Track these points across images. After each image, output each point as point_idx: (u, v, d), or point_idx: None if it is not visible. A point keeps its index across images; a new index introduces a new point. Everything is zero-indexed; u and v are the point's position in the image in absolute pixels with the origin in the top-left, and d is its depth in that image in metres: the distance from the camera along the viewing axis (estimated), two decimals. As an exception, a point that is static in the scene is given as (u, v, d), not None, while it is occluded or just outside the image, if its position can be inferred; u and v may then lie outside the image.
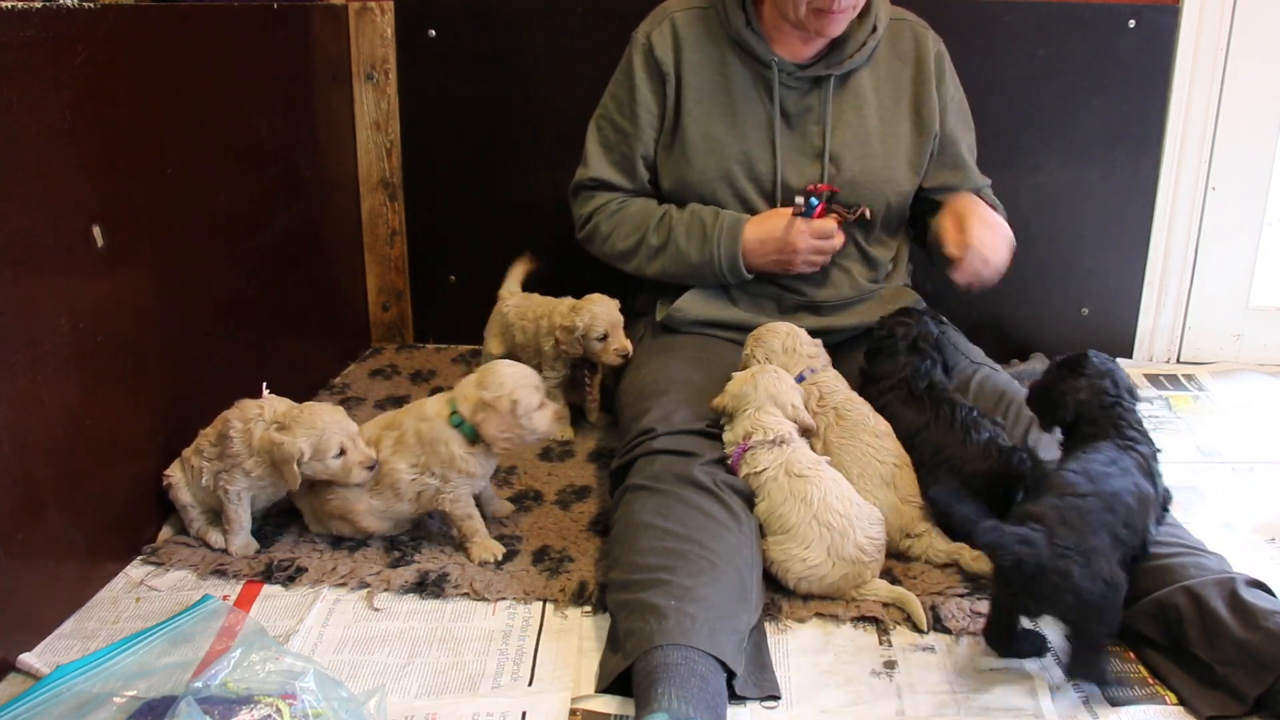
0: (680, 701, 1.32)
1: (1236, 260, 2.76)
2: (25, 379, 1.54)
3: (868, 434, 1.82)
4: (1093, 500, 1.47)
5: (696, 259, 2.08)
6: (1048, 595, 1.41)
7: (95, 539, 1.71)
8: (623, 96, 2.14)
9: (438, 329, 2.93)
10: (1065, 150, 2.64)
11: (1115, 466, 1.53)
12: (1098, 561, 1.41)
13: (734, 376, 1.85)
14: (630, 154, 2.15)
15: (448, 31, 2.68)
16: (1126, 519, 1.48)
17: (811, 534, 1.65)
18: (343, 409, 1.80)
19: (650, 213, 2.14)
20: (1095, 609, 1.40)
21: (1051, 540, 1.41)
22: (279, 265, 2.34)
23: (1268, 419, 2.47)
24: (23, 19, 1.51)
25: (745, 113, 2.08)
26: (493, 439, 1.75)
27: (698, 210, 2.10)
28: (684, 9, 2.12)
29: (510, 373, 1.78)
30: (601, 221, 2.18)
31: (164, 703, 1.32)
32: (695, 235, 2.08)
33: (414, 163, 2.79)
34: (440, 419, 1.78)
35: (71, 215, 1.64)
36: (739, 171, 2.09)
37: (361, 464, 1.75)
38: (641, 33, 2.13)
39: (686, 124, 2.10)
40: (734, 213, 2.08)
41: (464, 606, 1.69)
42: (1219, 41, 2.57)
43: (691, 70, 2.09)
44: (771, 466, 1.71)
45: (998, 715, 1.44)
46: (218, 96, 2.08)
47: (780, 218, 2.04)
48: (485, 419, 1.74)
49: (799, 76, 2.07)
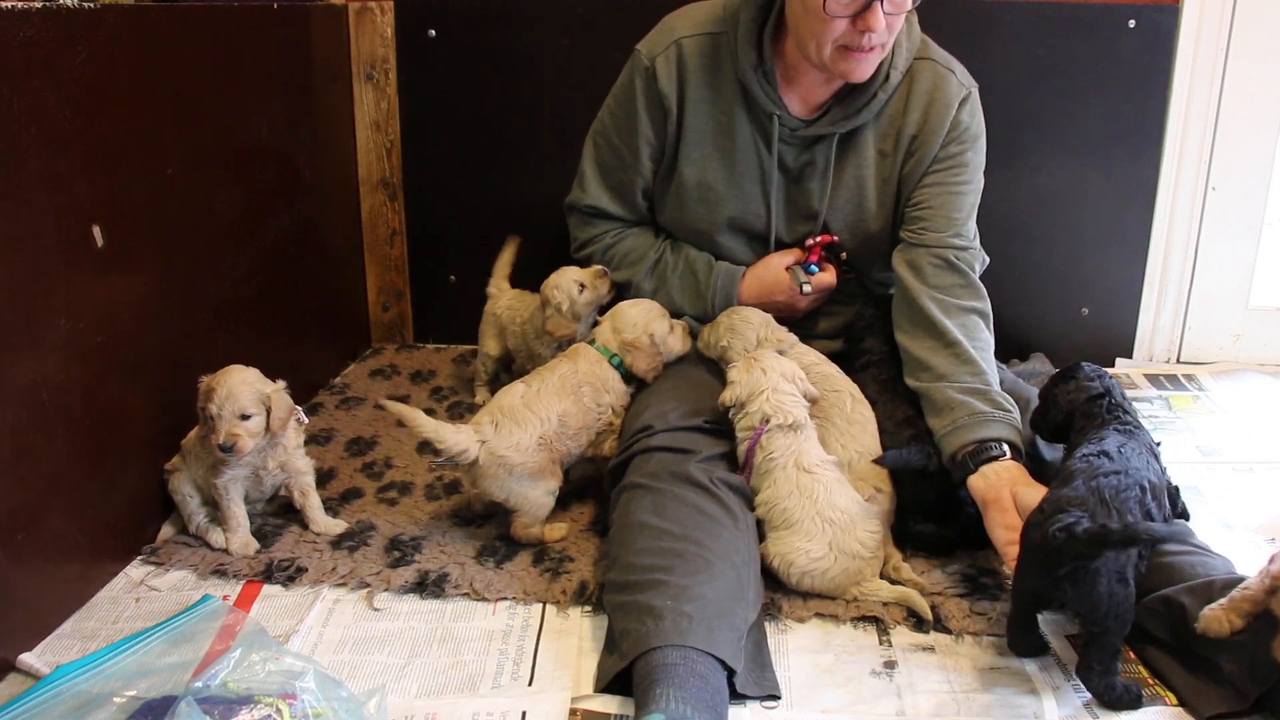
0: (679, 702, 1.32)
1: (1236, 260, 2.76)
2: (25, 379, 1.54)
3: (840, 418, 1.84)
4: (1122, 477, 1.48)
5: (692, 310, 2.08)
6: (1088, 580, 1.39)
7: (95, 539, 1.72)
8: (623, 121, 2.05)
9: (438, 329, 2.93)
10: (1065, 150, 2.64)
11: (1128, 447, 1.55)
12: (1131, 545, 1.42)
13: (733, 367, 1.84)
14: (628, 182, 2.10)
15: (448, 31, 2.68)
16: (1153, 494, 1.49)
17: (815, 528, 1.65)
18: (261, 380, 1.79)
19: (644, 254, 2.12)
20: (1119, 600, 1.40)
21: (1095, 520, 1.40)
22: (279, 265, 2.34)
23: (1268, 419, 2.47)
24: (23, 19, 1.51)
25: (744, 163, 2.00)
26: (645, 373, 1.98)
27: (691, 260, 2.07)
28: (692, 35, 1.96)
29: (637, 311, 2.00)
30: (596, 253, 2.17)
31: (164, 703, 1.32)
32: (689, 288, 2.07)
33: (414, 163, 2.79)
34: (602, 362, 1.97)
35: (71, 215, 1.64)
36: (733, 222, 2.05)
37: (214, 439, 1.74)
38: (645, 55, 1.99)
39: (683, 167, 2.02)
40: (728, 266, 2.05)
41: (464, 606, 1.69)
42: (1219, 41, 2.57)
43: (694, 110, 1.98)
44: (784, 453, 1.71)
45: (998, 715, 1.44)
46: (218, 96, 2.08)
47: (775, 271, 2.01)
48: (634, 357, 1.96)
49: (801, 134, 1.96)
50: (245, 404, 1.75)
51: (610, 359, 1.97)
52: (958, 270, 1.92)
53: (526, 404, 1.85)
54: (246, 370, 1.79)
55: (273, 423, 1.78)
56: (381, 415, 2.42)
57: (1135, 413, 1.67)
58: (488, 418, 1.83)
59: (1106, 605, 1.40)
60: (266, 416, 1.78)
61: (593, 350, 1.99)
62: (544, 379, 1.91)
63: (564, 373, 1.92)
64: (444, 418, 2.42)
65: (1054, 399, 1.74)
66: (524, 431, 1.81)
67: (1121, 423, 1.63)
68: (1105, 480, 1.47)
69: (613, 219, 2.16)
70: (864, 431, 1.84)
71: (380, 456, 2.21)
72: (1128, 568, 1.42)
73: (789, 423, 1.73)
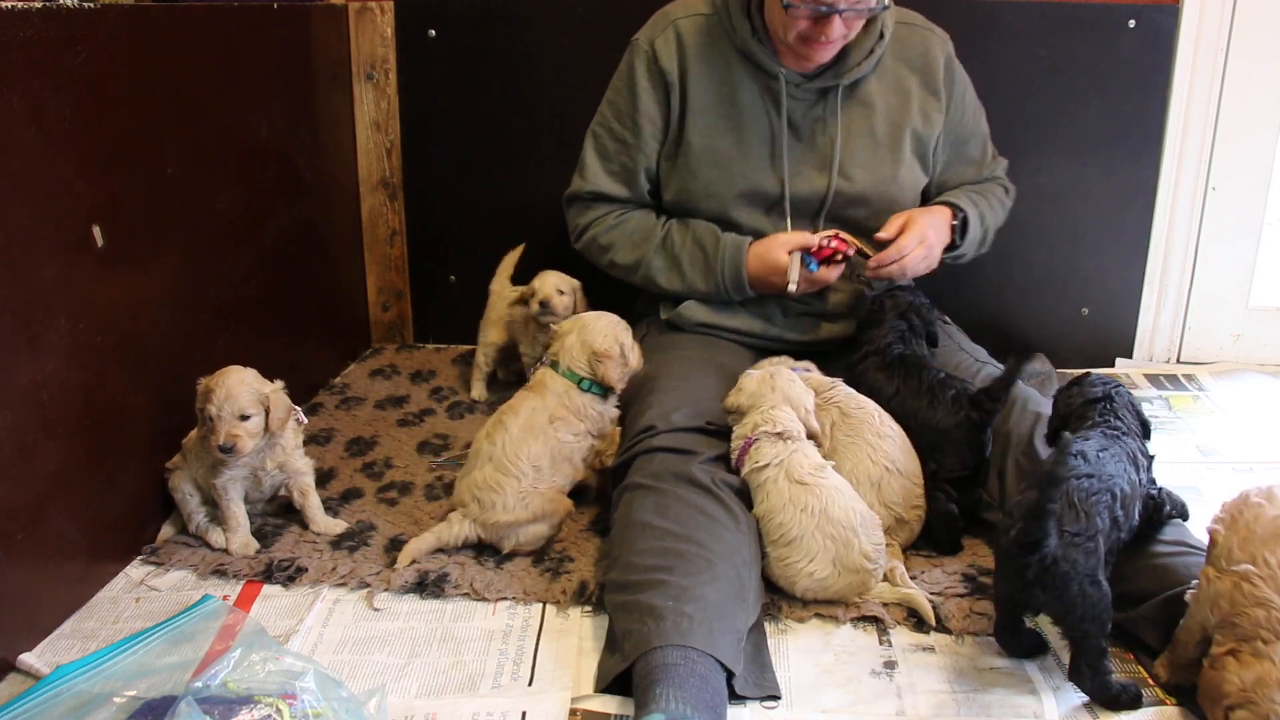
0: (679, 702, 1.32)
1: (1236, 260, 2.76)
2: (25, 379, 1.54)
3: (871, 433, 1.82)
4: (1094, 482, 1.48)
5: (703, 285, 2.08)
6: (1058, 584, 1.40)
7: (95, 539, 1.72)
8: (623, 105, 2.10)
9: (438, 329, 2.93)
10: (1065, 150, 2.64)
11: (1107, 453, 1.55)
12: (1100, 548, 1.42)
13: (747, 375, 1.83)
14: (631, 164, 2.12)
15: (448, 31, 2.68)
16: (1122, 502, 1.50)
17: (816, 546, 1.64)
18: (259, 381, 1.79)
19: (651, 230, 2.12)
20: (1093, 602, 1.40)
21: (1061, 528, 1.41)
22: (279, 265, 2.34)
23: (1268, 419, 2.47)
24: (23, 19, 1.51)
25: (751, 126, 2.05)
26: (616, 382, 1.87)
27: (698, 234, 2.08)
28: (688, 16, 2.06)
29: (603, 323, 1.90)
30: (599, 235, 2.16)
31: (164, 703, 1.32)
32: (698, 262, 2.07)
33: (414, 163, 2.79)
34: (570, 390, 1.86)
35: (71, 215, 1.64)
36: (744, 186, 2.06)
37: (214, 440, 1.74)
38: (644, 39, 2.08)
39: (691, 137, 2.06)
40: (734, 237, 2.06)
41: (464, 606, 1.69)
42: (1219, 41, 2.57)
43: (696, 80, 2.05)
44: (773, 464, 1.70)
45: (998, 715, 1.44)
46: (218, 96, 2.08)
47: (777, 254, 2.00)
48: (607, 367, 1.85)
49: (806, 88, 2.04)
50: (244, 404, 1.75)
51: (579, 383, 1.86)
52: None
53: (497, 466, 1.79)
54: (244, 371, 1.79)
55: (271, 422, 1.78)
56: (381, 415, 2.43)
57: (1129, 421, 1.65)
58: (468, 495, 1.80)
59: (1081, 609, 1.40)
60: (265, 417, 1.78)
61: (559, 379, 1.87)
62: (507, 428, 1.81)
63: (528, 413, 1.83)
64: (444, 417, 2.43)
65: (1056, 404, 1.75)
66: (503, 493, 1.77)
67: (1111, 427, 1.62)
68: (1076, 483, 1.46)
69: (615, 201, 2.16)
70: (894, 445, 1.82)
71: (380, 456, 2.21)
72: (1098, 569, 1.42)
73: (777, 431, 1.72)
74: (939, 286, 2.37)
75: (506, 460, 1.79)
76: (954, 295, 2.52)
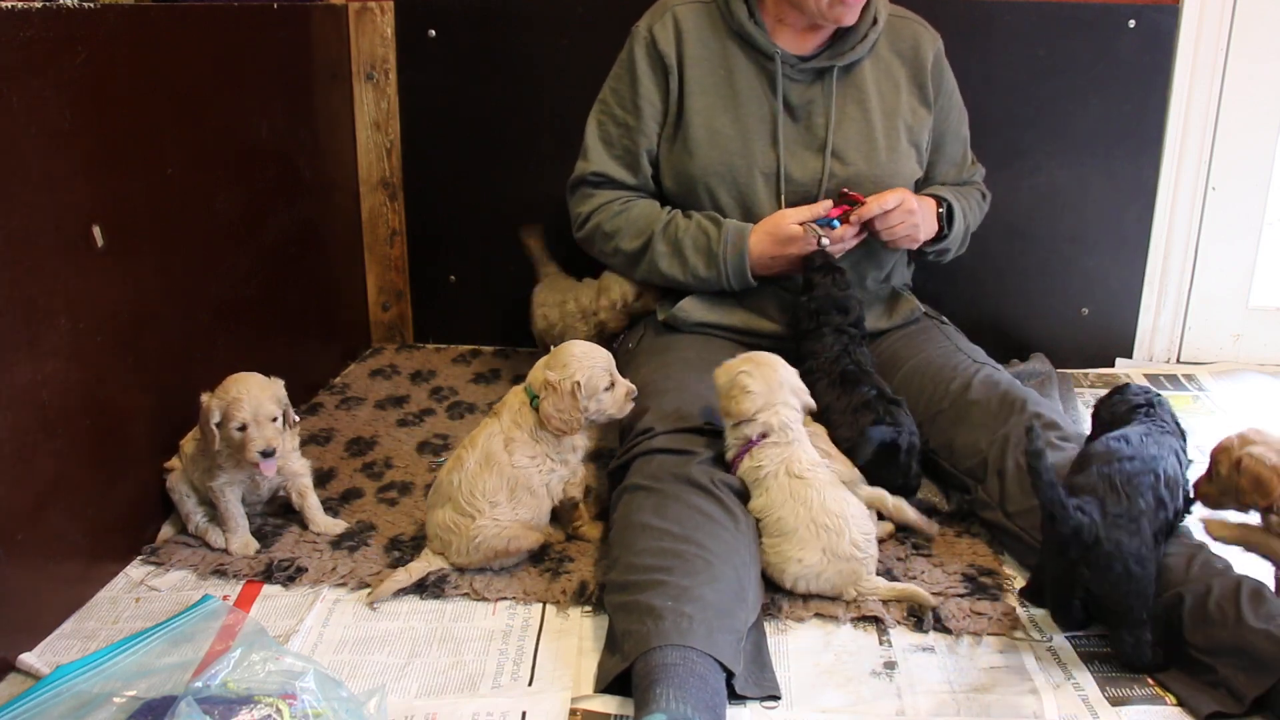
0: (679, 702, 1.32)
1: (1236, 260, 2.76)
2: (25, 379, 1.54)
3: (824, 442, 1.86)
4: (1137, 463, 1.51)
5: (706, 272, 2.08)
6: (1102, 564, 1.44)
7: (95, 539, 1.72)
8: (624, 90, 2.14)
9: (438, 329, 2.93)
10: (1065, 150, 2.64)
11: (1149, 437, 1.58)
12: (1145, 529, 1.46)
13: (747, 374, 1.76)
14: (633, 147, 2.14)
15: (448, 31, 2.68)
16: (1166, 483, 1.52)
17: (809, 535, 1.65)
18: (273, 382, 1.80)
19: (655, 217, 2.13)
20: (1137, 580, 1.44)
21: (1104, 509, 1.45)
22: (279, 265, 2.34)
23: (1268, 419, 2.46)
24: (23, 19, 1.51)
25: (749, 106, 2.08)
26: (546, 417, 1.72)
27: (701, 221, 2.08)
28: (685, 3, 2.11)
29: (578, 353, 1.76)
30: (604, 222, 2.16)
31: (164, 703, 1.32)
32: (701, 248, 2.07)
33: (414, 163, 2.79)
34: (526, 406, 1.76)
35: (71, 215, 1.64)
36: (742, 165, 2.08)
37: (256, 447, 1.74)
38: (643, 26, 2.13)
39: (690, 117, 2.09)
40: (736, 223, 2.06)
41: (464, 606, 1.69)
42: (1219, 41, 2.57)
43: (694, 63, 2.09)
44: (774, 463, 1.70)
45: (998, 715, 1.44)
46: (218, 96, 2.08)
47: (788, 228, 2.01)
48: (545, 398, 1.72)
49: (802, 69, 2.07)
50: (272, 407, 1.76)
51: (531, 400, 1.76)
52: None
53: (454, 506, 1.72)
54: (255, 375, 1.80)
55: (287, 419, 1.81)
56: (381, 415, 2.43)
57: (1170, 424, 1.67)
58: (436, 541, 1.75)
59: (1125, 587, 1.45)
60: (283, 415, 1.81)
61: (518, 395, 1.78)
62: (464, 463, 1.73)
63: (484, 441, 1.75)
64: (444, 417, 2.43)
65: (1097, 414, 1.76)
66: (465, 536, 1.71)
67: (1157, 421, 1.65)
68: (1118, 466, 1.51)
69: (619, 186, 2.17)
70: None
71: (380, 456, 2.21)
72: (1142, 549, 1.45)
73: (787, 440, 1.72)
74: (940, 286, 2.38)
75: (463, 500, 1.72)
76: (954, 295, 2.52)
